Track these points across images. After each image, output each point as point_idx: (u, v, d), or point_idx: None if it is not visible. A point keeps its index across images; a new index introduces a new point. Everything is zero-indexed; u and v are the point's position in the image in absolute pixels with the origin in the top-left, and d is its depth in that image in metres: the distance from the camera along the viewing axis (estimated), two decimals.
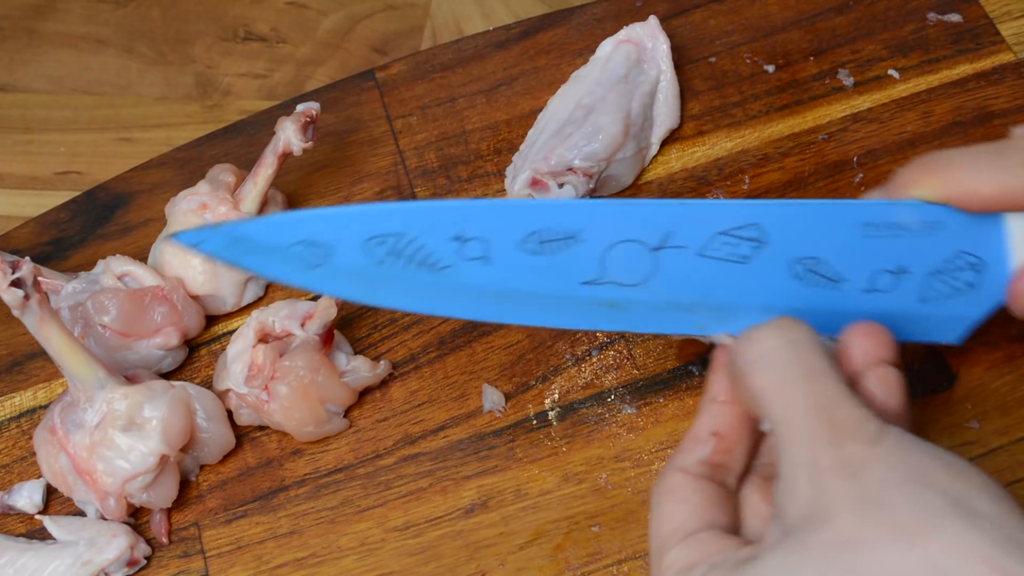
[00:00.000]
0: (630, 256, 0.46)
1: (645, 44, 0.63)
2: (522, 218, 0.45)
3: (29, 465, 0.58)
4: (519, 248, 0.45)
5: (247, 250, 0.45)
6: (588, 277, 0.46)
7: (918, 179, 0.46)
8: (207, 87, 0.79)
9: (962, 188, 0.44)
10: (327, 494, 0.56)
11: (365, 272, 0.46)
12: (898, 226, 0.46)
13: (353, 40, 0.80)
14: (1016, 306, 0.47)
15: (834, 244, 0.46)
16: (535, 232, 0.45)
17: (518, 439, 0.56)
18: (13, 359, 0.62)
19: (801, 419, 0.40)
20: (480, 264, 0.46)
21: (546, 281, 0.46)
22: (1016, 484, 0.52)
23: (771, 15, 0.67)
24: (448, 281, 0.46)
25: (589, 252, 0.46)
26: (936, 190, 0.45)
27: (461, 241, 0.45)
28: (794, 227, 0.46)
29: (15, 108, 0.79)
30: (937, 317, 0.48)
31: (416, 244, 0.45)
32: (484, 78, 0.67)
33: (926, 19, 0.66)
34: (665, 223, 0.45)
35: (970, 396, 0.55)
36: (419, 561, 0.54)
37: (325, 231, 0.45)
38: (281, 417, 0.56)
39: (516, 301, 0.47)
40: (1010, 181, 0.44)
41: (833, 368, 0.41)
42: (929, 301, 0.47)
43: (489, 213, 0.45)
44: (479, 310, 0.47)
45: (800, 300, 0.47)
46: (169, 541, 0.56)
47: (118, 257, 0.60)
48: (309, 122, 0.59)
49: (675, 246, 0.46)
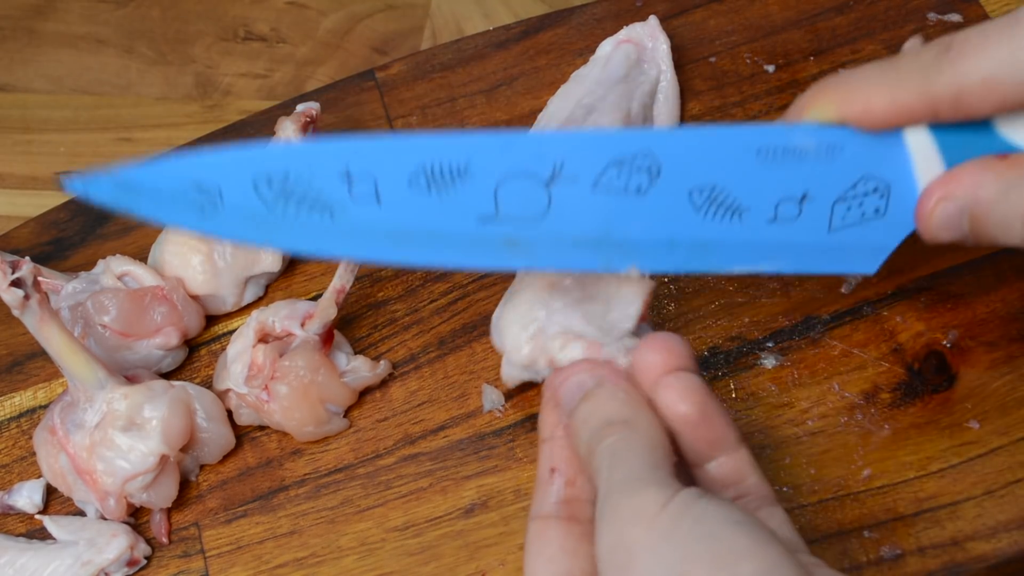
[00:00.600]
0: (523, 190, 0.45)
1: (645, 44, 0.63)
2: (408, 155, 0.44)
3: (29, 465, 0.58)
4: (409, 186, 0.45)
5: (138, 196, 0.45)
6: (483, 214, 0.45)
7: (814, 100, 0.45)
8: (207, 87, 0.79)
9: (856, 105, 0.43)
10: (327, 494, 0.56)
11: (257, 215, 0.45)
12: (795, 150, 0.45)
13: (353, 40, 0.80)
14: (923, 229, 0.45)
15: (731, 172, 0.45)
16: (422, 168, 0.45)
17: (518, 439, 0.56)
18: (13, 359, 0.62)
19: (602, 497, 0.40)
20: (371, 204, 0.45)
21: (440, 219, 0.45)
22: (1016, 484, 0.52)
23: (771, 15, 0.67)
24: (341, 222, 0.45)
25: (480, 187, 0.45)
26: (831, 110, 0.44)
27: (349, 181, 0.45)
28: (687, 154, 0.44)
29: (15, 108, 0.79)
30: (849, 247, 0.47)
31: (304, 185, 0.45)
32: (484, 78, 0.67)
33: (926, 19, 0.66)
34: (554, 155, 0.44)
35: (970, 396, 0.55)
36: (419, 561, 0.54)
37: (214, 174, 0.45)
38: (281, 417, 0.56)
39: (413, 241, 0.46)
40: (901, 93, 0.43)
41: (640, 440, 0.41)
42: (838, 230, 0.46)
43: (373, 151, 0.45)
44: (376, 251, 0.46)
45: (703, 232, 0.46)
46: (169, 541, 0.56)
47: (118, 257, 0.60)
48: (309, 122, 0.59)
49: (567, 178, 0.45)
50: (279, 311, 0.57)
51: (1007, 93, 0.41)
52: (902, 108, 0.43)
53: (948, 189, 0.44)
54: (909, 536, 0.52)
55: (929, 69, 0.42)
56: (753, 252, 0.46)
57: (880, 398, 0.55)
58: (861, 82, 0.44)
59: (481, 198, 0.45)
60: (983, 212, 0.43)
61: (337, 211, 0.45)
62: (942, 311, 0.57)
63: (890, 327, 0.57)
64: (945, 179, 0.44)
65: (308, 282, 0.62)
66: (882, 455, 0.54)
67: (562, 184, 0.45)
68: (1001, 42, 0.41)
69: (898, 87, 0.43)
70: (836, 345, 0.56)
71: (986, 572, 0.51)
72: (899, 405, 0.55)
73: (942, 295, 0.57)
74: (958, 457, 0.53)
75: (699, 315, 0.58)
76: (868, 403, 0.55)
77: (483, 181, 0.45)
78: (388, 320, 0.60)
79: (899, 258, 0.58)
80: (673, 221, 0.45)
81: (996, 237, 0.43)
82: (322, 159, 0.45)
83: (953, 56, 0.41)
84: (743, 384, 0.56)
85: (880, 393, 0.55)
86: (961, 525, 0.51)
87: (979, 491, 0.52)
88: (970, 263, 0.58)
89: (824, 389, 0.55)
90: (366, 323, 0.60)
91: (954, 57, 0.41)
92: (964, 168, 0.44)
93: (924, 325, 0.56)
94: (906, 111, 0.43)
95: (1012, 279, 0.57)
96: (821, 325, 0.57)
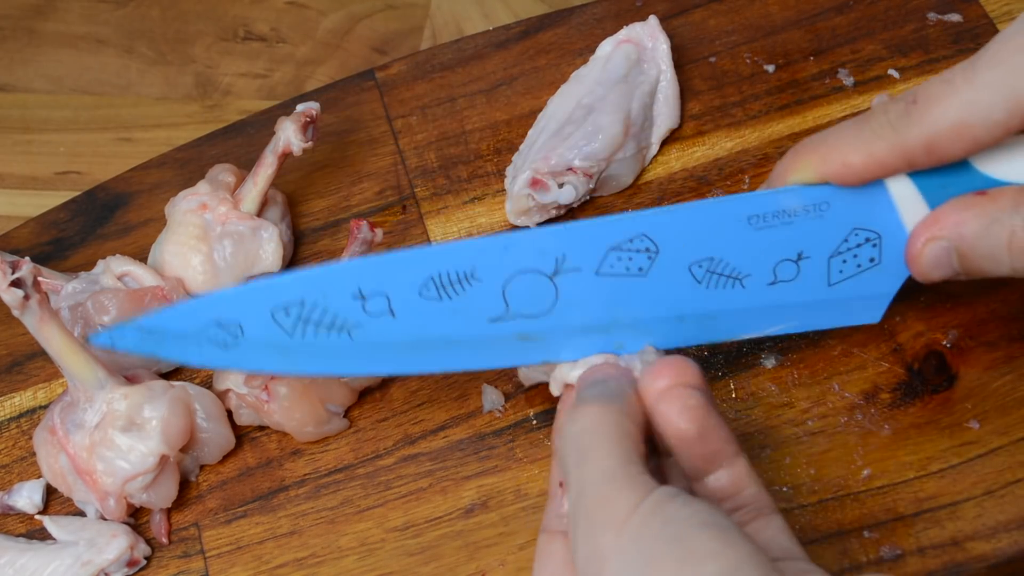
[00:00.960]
0: (530, 286, 0.46)
1: (645, 44, 0.63)
2: (414, 267, 0.46)
3: (29, 465, 0.58)
4: (420, 296, 0.46)
5: (162, 340, 0.47)
6: (494, 314, 0.47)
7: (794, 164, 0.46)
8: (207, 87, 0.79)
9: (834, 164, 0.45)
10: (327, 494, 0.56)
11: (279, 344, 0.47)
12: (784, 213, 0.46)
13: (353, 40, 0.80)
14: (915, 271, 0.47)
15: (726, 241, 0.46)
16: (431, 278, 0.46)
17: (518, 439, 0.56)
18: (13, 359, 0.62)
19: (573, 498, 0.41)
20: (386, 318, 0.46)
21: (454, 325, 0.47)
22: (1016, 484, 0.52)
23: (771, 15, 0.67)
24: (361, 340, 0.47)
25: (489, 289, 0.46)
26: (812, 171, 0.46)
27: (362, 299, 0.46)
28: (681, 231, 0.46)
29: (15, 108, 0.79)
30: (850, 299, 0.48)
31: (320, 309, 0.46)
32: (484, 78, 0.67)
33: (926, 19, 0.66)
34: (555, 248, 0.46)
35: (970, 396, 0.55)
36: (419, 561, 0.54)
37: (232, 310, 0.46)
38: (281, 417, 0.56)
39: (432, 348, 0.47)
40: (875, 149, 0.44)
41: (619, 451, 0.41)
42: (837, 284, 0.48)
43: (381, 268, 0.46)
44: (399, 364, 0.48)
45: (707, 303, 0.47)
46: (169, 541, 0.56)
47: (118, 257, 0.60)
48: (309, 122, 0.59)
49: (571, 269, 0.46)
50: None
51: (976, 135, 0.43)
52: (879, 163, 0.44)
53: (933, 231, 0.45)
54: (909, 536, 0.52)
55: (899, 123, 0.44)
56: (759, 316, 0.48)
57: (880, 398, 0.55)
58: (837, 141, 0.45)
59: (490, 299, 0.47)
60: (969, 248, 0.44)
61: (354, 330, 0.47)
62: (942, 311, 0.57)
63: (890, 327, 0.56)
64: (929, 221, 0.45)
65: None
66: (882, 455, 0.53)
67: (566, 275, 0.46)
68: (964, 88, 0.42)
69: (872, 143, 0.44)
70: (836, 345, 0.56)
71: (986, 572, 0.51)
72: (899, 405, 0.55)
73: (942, 295, 0.57)
74: (958, 457, 0.53)
75: None
76: (868, 403, 0.55)
77: (491, 283, 0.46)
78: None
79: None
80: (677, 296, 0.47)
81: (985, 270, 0.45)
82: (334, 282, 0.46)
83: (920, 108, 0.43)
84: (743, 384, 0.56)
85: (880, 393, 0.55)
86: (961, 525, 0.51)
87: (979, 491, 0.52)
88: None
89: (824, 389, 0.55)
90: None
91: (921, 108, 0.43)
92: (946, 208, 0.45)
93: (924, 325, 0.56)
94: (883, 165, 0.45)
95: (1012, 279, 0.57)
96: None
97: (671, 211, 0.46)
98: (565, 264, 0.46)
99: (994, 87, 0.42)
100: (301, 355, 0.47)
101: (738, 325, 0.48)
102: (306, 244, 0.63)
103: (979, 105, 0.42)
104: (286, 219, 0.62)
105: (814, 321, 0.48)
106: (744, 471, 0.43)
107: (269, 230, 0.60)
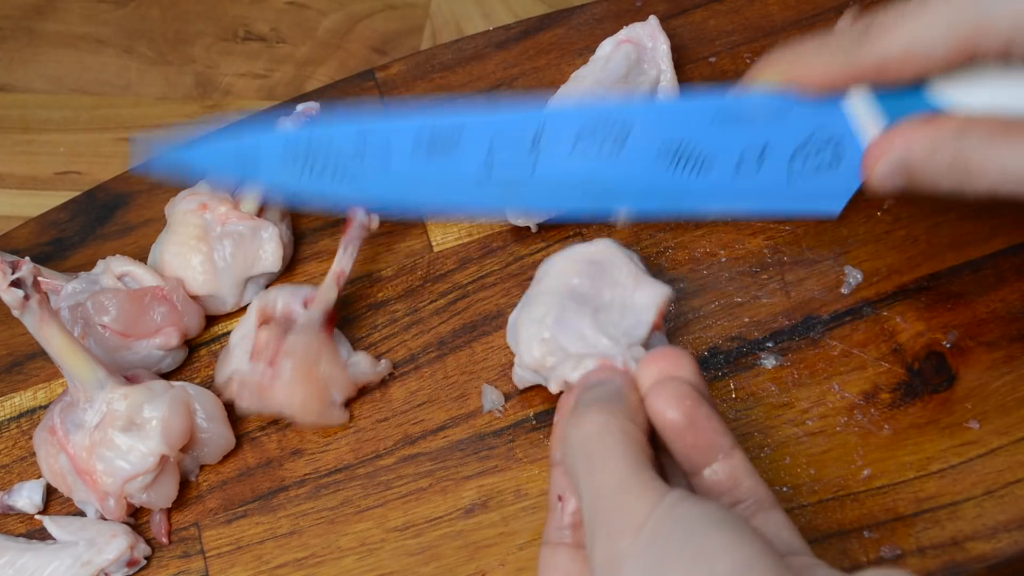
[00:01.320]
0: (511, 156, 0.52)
1: (645, 44, 0.63)
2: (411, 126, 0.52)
3: (29, 465, 0.58)
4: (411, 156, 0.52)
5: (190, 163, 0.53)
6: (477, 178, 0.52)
7: (764, 68, 0.51)
8: (207, 87, 0.79)
9: (796, 74, 0.50)
10: (327, 494, 0.56)
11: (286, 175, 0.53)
12: (749, 112, 0.51)
13: (353, 40, 0.80)
14: (869, 180, 0.49)
15: (694, 132, 0.51)
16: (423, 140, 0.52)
17: (518, 439, 0.56)
18: (13, 359, 0.62)
19: (587, 507, 0.41)
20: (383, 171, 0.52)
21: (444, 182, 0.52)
22: (1016, 484, 0.52)
23: (771, 15, 0.67)
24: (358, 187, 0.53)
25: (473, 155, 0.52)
26: (778, 76, 0.50)
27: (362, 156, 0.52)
28: (653, 120, 0.51)
29: (15, 108, 0.79)
30: (811, 191, 0.52)
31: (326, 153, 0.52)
32: (484, 78, 0.67)
33: None
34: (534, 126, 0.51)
35: (970, 396, 0.55)
36: (419, 561, 0.54)
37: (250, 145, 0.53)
38: (284, 397, 0.55)
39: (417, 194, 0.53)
40: (831, 65, 0.48)
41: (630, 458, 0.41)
42: (798, 176, 0.52)
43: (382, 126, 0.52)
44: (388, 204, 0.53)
45: (674, 182, 0.52)
46: (169, 541, 0.56)
47: (118, 257, 0.60)
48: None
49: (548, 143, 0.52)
50: (280, 293, 0.58)
51: (920, 63, 0.47)
52: (833, 78, 0.49)
53: (884, 147, 0.49)
54: (909, 536, 0.52)
55: (852, 47, 0.48)
56: (723, 197, 0.52)
57: (880, 398, 0.55)
58: (799, 55, 0.50)
59: (474, 164, 0.52)
60: (916, 167, 0.48)
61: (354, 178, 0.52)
62: (942, 311, 0.57)
63: (890, 327, 0.57)
64: (883, 139, 0.49)
65: (307, 282, 0.62)
66: (882, 455, 0.54)
67: (544, 149, 0.52)
68: (913, 18, 0.46)
69: (829, 62, 0.49)
70: (836, 345, 0.56)
71: (986, 572, 0.51)
72: (899, 405, 0.55)
73: (942, 295, 0.57)
74: (958, 457, 0.53)
75: (699, 315, 0.58)
76: (868, 403, 0.55)
77: (474, 150, 0.52)
78: (388, 320, 0.60)
79: (899, 258, 0.58)
80: (646, 173, 0.52)
81: (930, 187, 0.48)
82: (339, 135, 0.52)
83: (873, 34, 0.47)
84: (743, 384, 0.56)
85: (880, 393, 0.55)
86: (961, 525, 0.51)
87: (979, 491, 0.52)
88: (970, 263, 0.58)
89: (824, 389, 0.55)
90: (366, 323, 0.60)
91: (874, 34, 0.47)
92: (898, 130, 0.48)
93: (924, 325, 0.56)
94: (837, 81, 0.49)
95: (1012, 279, 0.57)
96: (821, 325, 0.57)
97: (645, 102, 0.51)
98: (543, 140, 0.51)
99: (940, 20, 0.45)
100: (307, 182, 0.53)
101: (703, 202, 0.52)
102: (306, 244, 0.63)
103: (925, 36, 0.46)
104: (286, 219, 0.62)
105: (776, 204, 0.52)
106: (741, 464, 0.43)
107: (269, 230, 0.60)
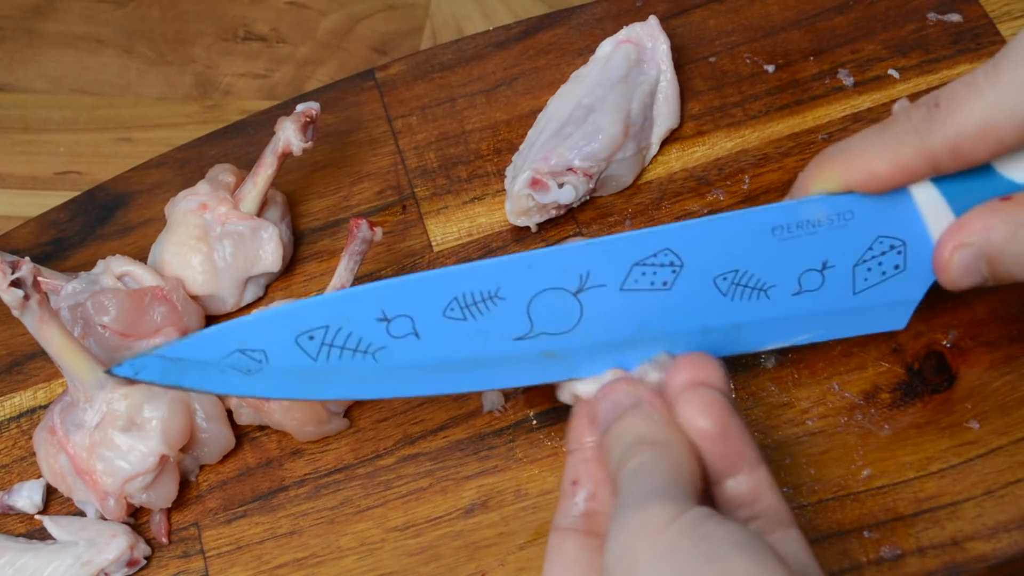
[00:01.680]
0: (555, 304, 0.46)
1: (645, 44, 0.63)
2: (438, 288, 0.46)
3: (29, 465, 0.58)
4: (444, 317, 0.46)
5: (185, 369, 0.46)
6: (519, 333, 0.47)
7: (816, 174, 0.46)
8: (207, 87, 0.79)
9: (858, 172, 0.45)
10: (327, 494, 0.56)
11: (304, 369, 0.46)
12: (808, 223, 0.46)
13: (353, 40, 0.80)
14: (943, 279, 0.47)
15: (750, 253, 0.46)
16: (455, 299, 0.46)
17: (518, 439, 0.56)
18: (13, 359, 0.62)
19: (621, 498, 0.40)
20: (411, 340, 0.46)
21: (479, 344, 0.46)
22: (1016, 484, 0.52)
23: (771, 15, 0.67)
24: (386, 363, 0.46)
25: (513, 308, 0.46)
26: (836, 180, 0.46)
27: (386, 321, 0.46)
28: (705, 244, 0.46)
29: (15, 108, 0.79)
30: (876, 306, 0.48)
31: (345, 332, 0.46)
32: (484, 78, 0.67)
33: (926, 19, 0.66)
34: (579, 265, 0.46)
35: (970, 396, 0.55)
36: (419, 561, 0.54)
37: (254, 336, 0.46)
38: (281, 416, 0.56)
39: (457, 369, 0.47)
40: (900, 154, 0.44)
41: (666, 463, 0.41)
42: (863, 292, 0.48)
43: (405, 289, 0.46)
44: (424, 385, 0.47)
45: (733, 314, 0.47)
46: (169, 541, 0.56)
47: (118, 257, 0.60)
48: (309, 122, 0.59)
49: (595, 286, 0.46)
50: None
51: (1003, 136, 0.42)
52: (904, 168, 0.44)
53: (960, 237, 0.45)
54: (909, 536, 0.52)
55: (923, 127, 0.43)
56: (784, 326, 0.48)
57: (880, 398, 0.55)
58: (859, 149, 0.45)
59: (515, 317, 0.46)
60: (998, 254, 0.44)
61: (379, 352, 0.46)
62: (942, 311, 0.57)
63: None
64: (956, 228, 0.45)
65: (308, 282, 0.62)
66: (882, 455, 0.54)
67: (591, 292, 0.46)
68: (988, 90, 0.42)
69: (897, 149, 0.44)
70: (836, 345, 0.56)
71: (986, 572, 0.51)
72: (899, 405, 0.55)
73: (942, 295, 0.57)
74: (958, 457, 0.53)
75: None
76: (868, 403, 0.55)
77: (515, 301, 0.46)
78: None
79: None
80: (702, 309, 0.47)
81: (1014, 275, 0.45)
82: (356, 305, 0.46)
83: (943, 111, 0.43)
84: (743, 384, 0.56)
85: (880, 393, 0.55)
86: (961, 525, 0.51)
87: (979, 491, 0.52)
88: None
89: (824, 389, 0.55)
90: None
91: (945, 111, 0.43)
92: (973, 214, 0.45)
93: (924, 325, 0.56)
94: (908, 170, 0.44)
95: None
96: None
97: (695, 224, 0.46)
98: (589, 281, 0.46)
99: (1017, 87, 0.42)
100: (326, 380, 0.47)
101: (764, 335, 0.48)
102: (306, 244, 0.63)
103: (1003, 106, 0.42)
104: (286, 219, 0.62)
105: (839, 329, 0.48)
106: (765, 480, 0.43)
107: (269, 230, 0.60)
